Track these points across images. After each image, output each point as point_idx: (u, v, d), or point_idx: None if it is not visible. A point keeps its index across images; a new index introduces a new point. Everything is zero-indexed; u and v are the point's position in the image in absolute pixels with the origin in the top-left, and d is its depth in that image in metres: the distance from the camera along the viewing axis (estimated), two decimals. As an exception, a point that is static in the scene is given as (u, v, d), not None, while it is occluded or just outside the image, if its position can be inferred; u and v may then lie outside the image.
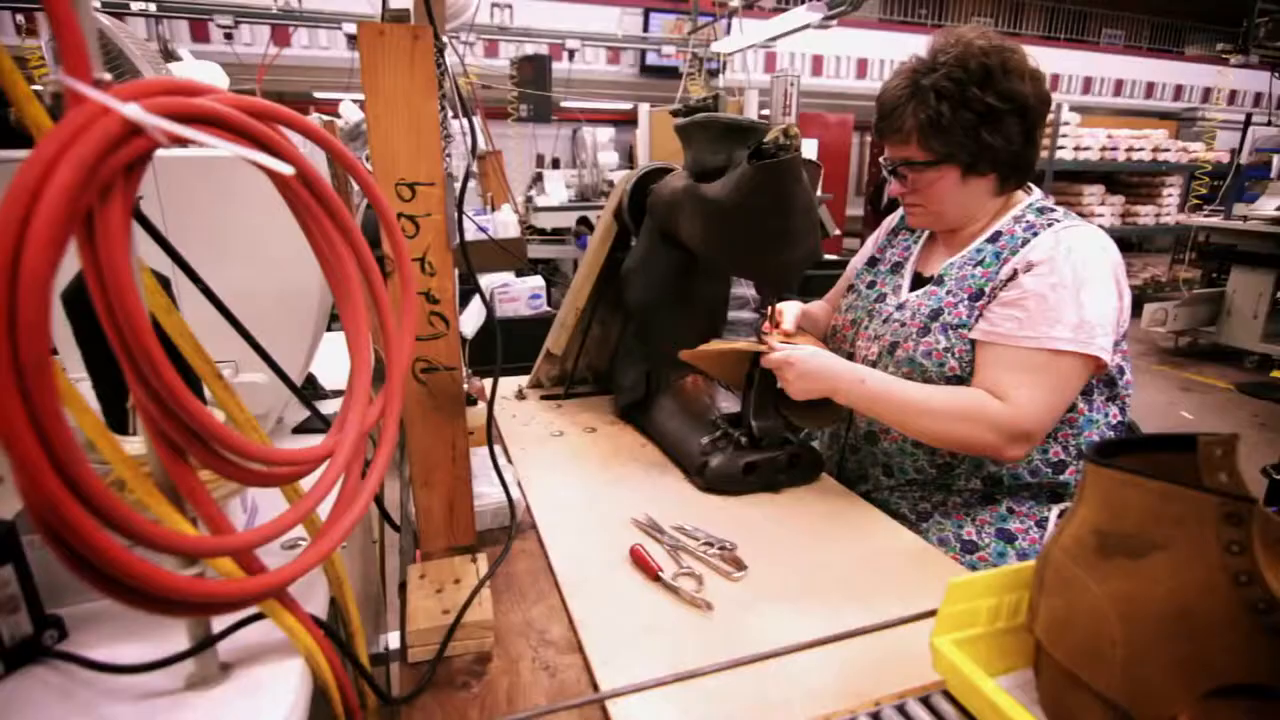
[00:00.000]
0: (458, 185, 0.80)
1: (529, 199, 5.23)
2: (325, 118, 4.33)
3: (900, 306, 1.19)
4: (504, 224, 3.50)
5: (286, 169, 0.42)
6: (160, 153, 0.43)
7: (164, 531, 0.44)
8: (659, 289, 1.40)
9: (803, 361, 1.09)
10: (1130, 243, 10.09)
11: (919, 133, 1.07)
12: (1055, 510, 1.12)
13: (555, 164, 5.87)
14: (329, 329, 1.12)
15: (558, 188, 5.06)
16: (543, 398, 1.61)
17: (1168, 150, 6.35)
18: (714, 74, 5.07)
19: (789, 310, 1.30)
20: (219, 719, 0.51)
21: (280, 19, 4.60)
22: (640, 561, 0.91)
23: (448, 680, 0.72)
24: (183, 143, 0.42)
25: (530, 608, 0.84)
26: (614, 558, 0.93)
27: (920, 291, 1.17)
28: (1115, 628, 0.53)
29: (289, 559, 0.71)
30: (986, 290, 1.07)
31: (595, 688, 0.70)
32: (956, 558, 1.08)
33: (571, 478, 1.19)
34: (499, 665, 0.74)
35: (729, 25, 5.53)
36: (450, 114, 0.74)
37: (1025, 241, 1.06)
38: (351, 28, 4.39)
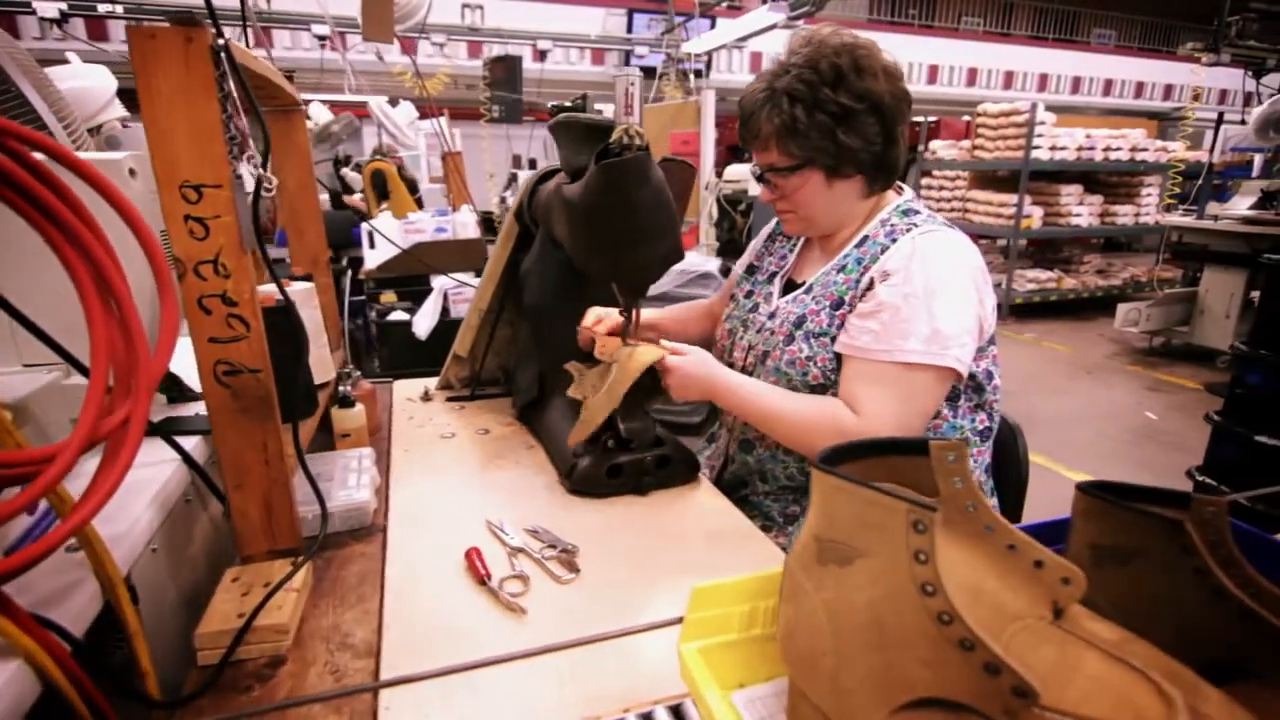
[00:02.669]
0: (272, 186, 0.79)
1: (503, 199, 5.23)
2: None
3: (772, 315, 1.18)
4: (463, 225, 3.49)
5: None
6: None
7: None
8: (552, 290, 1.39)
9: (681, 369, 1.08)
10: (1119, 243, 10.06)
11: (776, 138, 1.05)
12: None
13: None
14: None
15: (531, 188, 5.04)
16: (448, 399, 1.60)
17: (1146, 150, 6.31)
18: (686, 75, 5.05)
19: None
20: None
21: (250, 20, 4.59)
22: (471, 565, 0.90)
23: (233, 684, 0.72)
24: None
25: (345, 611, 0.83)
26: (452, 561, 0.93)
27: (789, 298, 1.16)
28: (827, 637, 0.52)
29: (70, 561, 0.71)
30: (846, 299, 1.06)
31: (375, 692, 0.70)
32: (814, 561, 1.07)
33: (445, 480, 1.19)
34: (290, 669, 0.73)
35: (713, 23, 5.52)
36: (237, 114, 0.74)
37: (885, 248, 1.05)
38: (322, 29, 4.39)
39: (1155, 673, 0.48)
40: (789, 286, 1.20)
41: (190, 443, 0.97)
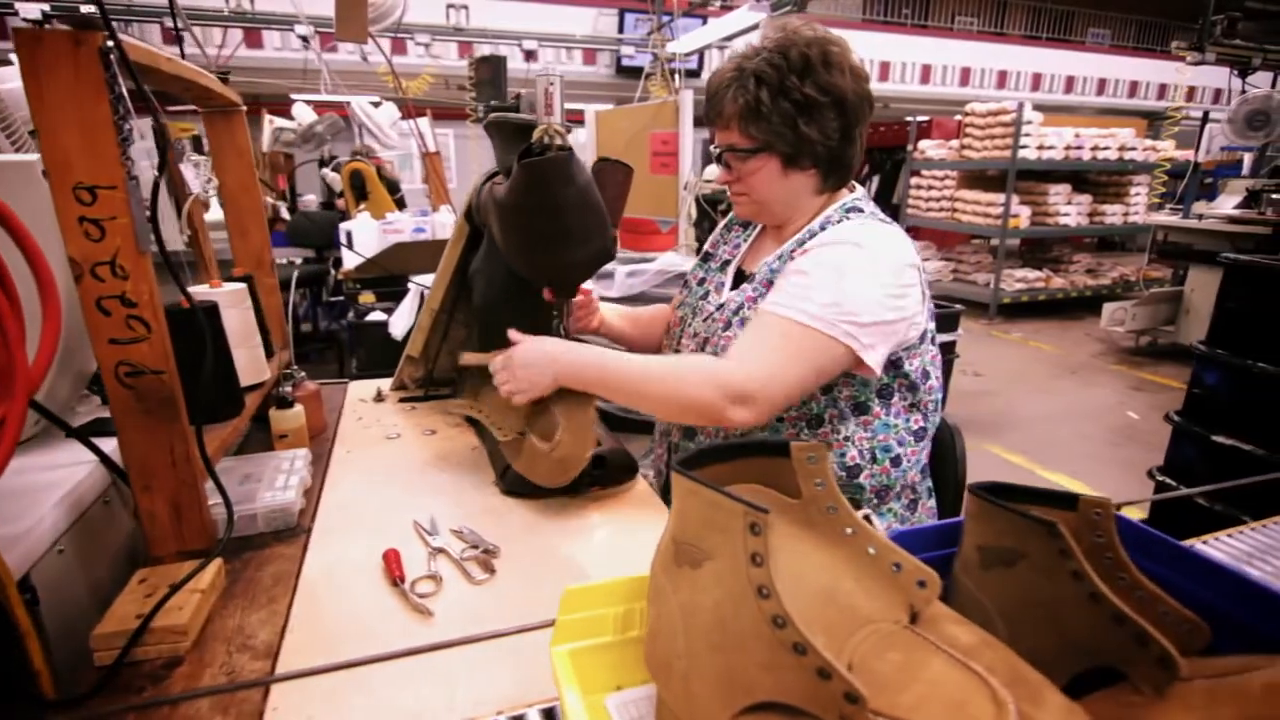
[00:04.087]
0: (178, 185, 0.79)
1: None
2: (274, 118, 4.30)
3: (720, 306, 1.18)
4: (442, 225, 3.49)
5: None
6: None
7: None
8: (498, 290, 1.39)
9: (519, 353, 1.04)
10: (1113, 242, 10.05)
11: (739, 118, 1.06)
12: (855, 515, 1.11)
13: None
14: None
15: (517, 188, 5.03)
16: (400, 400, 1.60)
17: (1134, 149, 6.30)
18: (672, 75, 5.05)
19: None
20: None
21: (232, 21, 4.60)
22: (388, 566, 0.90)
23: (127, 685, 0.72)
24: None
25: (253, 613, 0.83)
26: (371, 563, 0.93)
27: (738, 290, 1.17)
28: (681, 641, 0.52)
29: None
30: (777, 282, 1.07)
31: (266, 694, 0.70)
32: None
33: (382, 481, 1.18)
34: (184, 670, 0.73)
35: (705, 22, 5.51)
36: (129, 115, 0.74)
37: (814, 234, 1.06)
38: (304, 29, 4.39)
39: (997, 677, 0.48)
40: (739, 277, 1.20)
41: (114, 443, 0.97)
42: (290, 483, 1.06)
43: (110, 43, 0.70)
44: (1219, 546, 0.99)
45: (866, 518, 1.23)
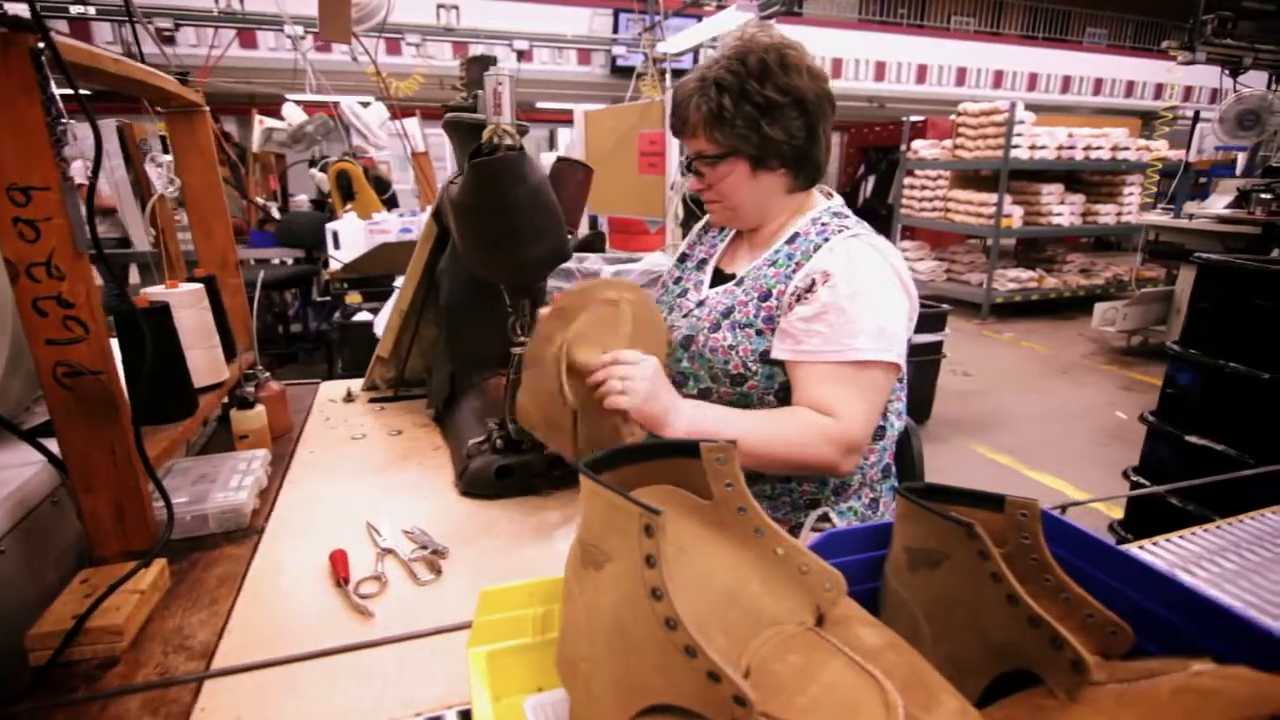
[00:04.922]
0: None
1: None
2: (265, 119, 4.30)
3: (700, 304, 1.18)
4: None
5: None
6: None
7: None
8: (463, 289, 1.39)
9: (654, 372, 0.97)
10: (1109, 242, 10.03)
11: (704, 126, 1.08)
12: (812, 517, 1.11)
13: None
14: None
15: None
16: (370, 400, 1.60)
17: (1127, 149, 6.29)
18: (664, 75, 5.05)
19: None
20: None
21: (222, 21, 4.60)
22: (333, 567, 0.90)
23: (60, 685, 0.72)
24: None
25: (194, 614, 0.83)
26: (318, 564, 0.93)
27: (720, 289, 1.17)
28: (584, 642, 0.52)
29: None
30: (774, 291, 1.07)
31: (197, 694, 0.70)
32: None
33: (341, 481, 1.19)
34: (119, 671, 0.73)
35: (700, 21, 5.50)
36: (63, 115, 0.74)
37: (817, 247, 1.07)
38: (292, 29, 4.39)
39: (897, 680, 0.48)
40: (718, 277, 1.21)
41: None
42: (244, 483, 1.06)
43: (41, 44, 0.70)
44: (1169, 548, 0.99)
45: (825, 516, 1.24)
